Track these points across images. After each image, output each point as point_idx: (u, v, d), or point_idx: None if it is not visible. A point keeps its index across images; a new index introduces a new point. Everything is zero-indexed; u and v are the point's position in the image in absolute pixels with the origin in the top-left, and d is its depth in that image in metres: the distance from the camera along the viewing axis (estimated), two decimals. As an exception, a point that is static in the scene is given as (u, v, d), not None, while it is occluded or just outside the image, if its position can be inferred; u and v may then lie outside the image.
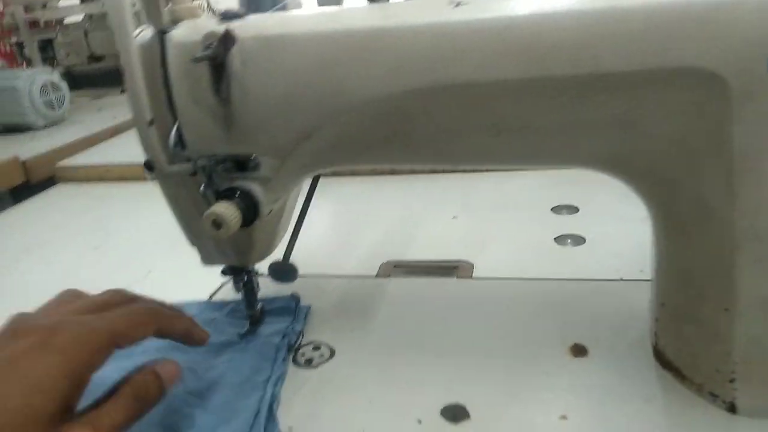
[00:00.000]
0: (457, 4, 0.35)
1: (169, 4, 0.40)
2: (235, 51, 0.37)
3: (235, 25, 0.38)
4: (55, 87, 1.38)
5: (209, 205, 0.40)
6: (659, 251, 0.40)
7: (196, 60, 0.35)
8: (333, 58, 0.36)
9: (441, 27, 0.35)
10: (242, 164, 0.40)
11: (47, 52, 1.88)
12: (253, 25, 0.38)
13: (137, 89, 0.35)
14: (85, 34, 1.80)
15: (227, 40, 0.36)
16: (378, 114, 0.36)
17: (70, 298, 0.40)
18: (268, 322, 0.52)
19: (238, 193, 0.40)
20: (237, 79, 0.37)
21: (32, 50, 1.64)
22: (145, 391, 0.36)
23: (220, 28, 0.37)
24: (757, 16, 0.30)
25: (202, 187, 0.40)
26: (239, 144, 0.39)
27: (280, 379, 0.45)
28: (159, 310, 0.41)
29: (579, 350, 0.46)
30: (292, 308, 0.54)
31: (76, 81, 1.86)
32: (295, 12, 0.40)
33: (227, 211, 0.38)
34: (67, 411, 0.32)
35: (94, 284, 0.64)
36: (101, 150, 1.17)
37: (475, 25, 0.34)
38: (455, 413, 0.41)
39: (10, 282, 0.71)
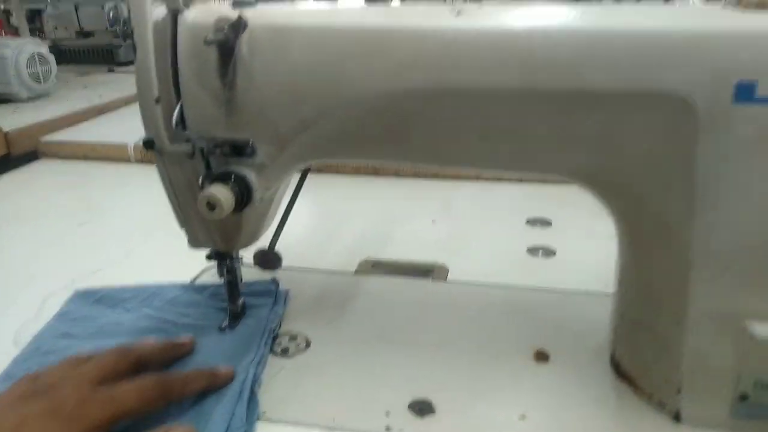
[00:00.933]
0: (459, 13, 0.38)
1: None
2: (244, 37, 0.39)
3: (247, 13, 0.40)
4: (42, 59, 1.37)
5: (203, 187, 0.41)
6: (622, 264, 0.43)
7: (207, 42, 0.37)
8: (338, 53, 0.38)
9: (442, 33, 0.37)
10: (240, 149, 0.42)
11: (34, 23, 1.86)
12: (263, 14, 0.40)
13: (147, 65, 0.37)
14: (76, 8, 1.78)
15: (238, 25, 0.38)
16: (376, 111, 0.39)
17: (80, 360, 0.41)
18: (249, 305, 0.53)
19: (233, 177, 0.42)
20: (243, 65, 0.39)
21: (20, 19, 1.62)
22: None
23: (233, 13, 0.39)
24: (726, 48, 0.33)
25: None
26: (239, 129, 0.41)
27: (261, 361, 0.47)
28: (167, 381, 0.41)
29: (541, 356, 0.48)
30: (273, 291, 0.55)
31: (63, 55, 1.84)
32: (304, 4, 0.42)
33: (222, 193, 0.39)
34: None
35: (81, 261, 0.65)
36: (86, 128, 1.17)
37: (474, 34, 0.36)
38: (422, 408, 0.43)
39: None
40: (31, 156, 1.07)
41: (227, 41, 0.37)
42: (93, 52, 1.84)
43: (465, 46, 0.36)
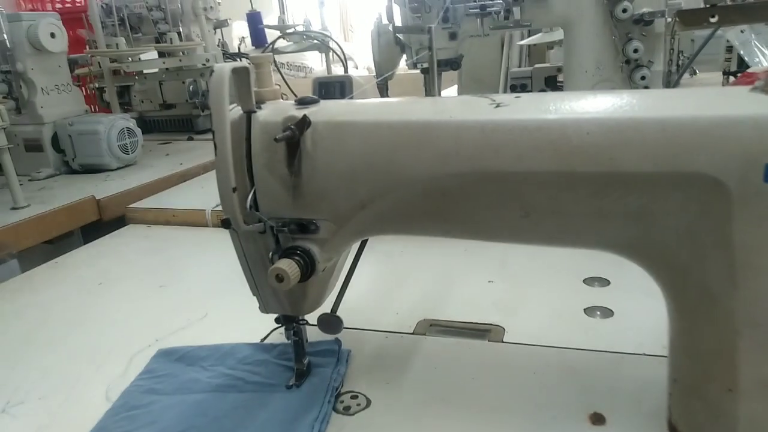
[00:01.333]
0: (498, 105, 0.42)
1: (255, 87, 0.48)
2: (307, 133, 0.44)
3: (311, 111, 0.45)
4: (130, 132, 1.51)
5: (272, 261, 0.46)
6: (672, 330, 0.44)
7: (278, 140, 0.42)
8: (390, 144, 0.43)
9: (483, 124, 0.41)
10: (304, 227, 0.47)
11: (123, 97, 2.06)
12: (324, 111, 0.45)
13: (226, 160, 0.43)
14: (160, 83, 1.97)
15: (303, 124, 0.43)
16: (424, 193, 0.43)
17: None
18: (314, 364, 0.57)
19: (299, 251, 0.47)
20: (308, 155, 0.45)
21: (112, 96, 1.80)
22: None
23: (298, 113, 0.44)
24: (754, 133, 0.35)
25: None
26: (304, 210, 0.46)
27: (325, 419, 0.50)
28: None
29: (598, 418, 0.49)
30: (336, 351, 0.59)
31: (147, 125, 2.03)
32: (360, 101, 0.47)
33: (289, 267, 0.44)
34: None
35: (159, 320, 0.72)
36: (168, 195, 1.28)
37: (512, 124, 0.40)
38: (478, 469, 0.45)
39: (86, 311, 0.79)
40: (120, 221, 1.18)
41: (294, 137, 0.43)
42: (174, 122, 2.01)
43: (503, 134, 0.40)
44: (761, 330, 0.37)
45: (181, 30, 1.81)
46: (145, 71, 1.94)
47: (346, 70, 2.24)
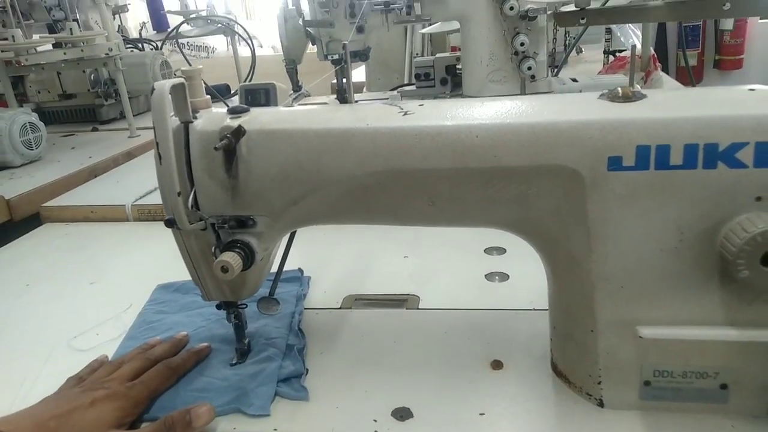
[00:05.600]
0: (405, 113, 0.50)
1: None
2: (243, 140, 0.50)
3: (243, 120, 0.51)
4: (33, 127, 1.46)
5: (215, 255, 0.53)
6: (549, 288, 0.56)
7: (217, 149, 0.48)
8: (316, 149, 0.50)
9: (394, 130, 0.49)
10: (243, 222, 0.53)
11: (17, 88, 1.95)
12: (256, 120, 0.52)
13: (171, 169, 0.48)
14: (58, 73, 1.88)
15: (238, 133, 0.50)
16: (348, 189, 0.51)
17: (113, 366, 0.59)
18: (281, 287, 0.72)
19: (239, 244, 0.53)
20: (243, 160, 0.51)
21: (6, 87, 1.71)
22: (174, 426, 0.51)
23: (233, 123, 0.50)
24: (599, 133, 0.46)
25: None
26: (242, 208, 0.53)
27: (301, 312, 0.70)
28: (173, 365, 0.59)
29: (497, 365, 0.60)
30: (299, 276, 0.78)
31: (46, 117, 1.94)
32: (288, 110, 0.54)
33: (232, 259, 0.51)
34: None
35: (96, 316, 0.75)
36: (84, 190, 1.26)
37: (417, 129, 0.49)
38: (402, 414, 0.54)
39: (16, 314, 0.81)
40: (33, 220, 1.16)
41: (230, 145, 0.49)
42: (76, 112, 1.94)
43: (411, 138, 0.48)
44: (610, 283, 0.49)
45: (78, 17, 1.74)
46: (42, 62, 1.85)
47: (253, 53, 2.25)
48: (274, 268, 0.63)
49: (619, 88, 0.48)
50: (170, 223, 0.53)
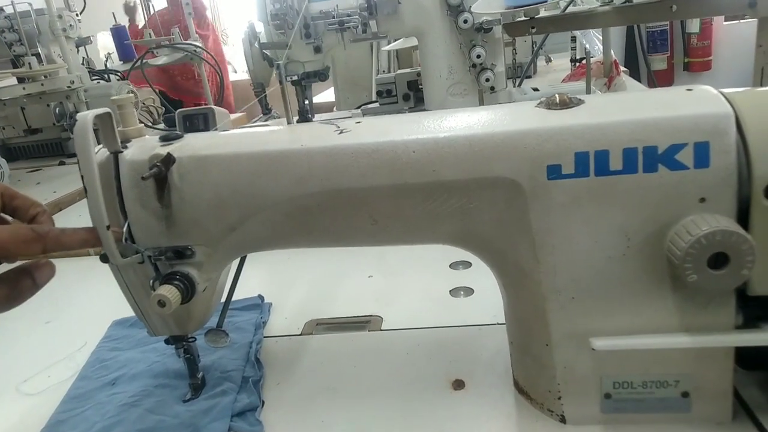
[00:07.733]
0: (341, 131, 0.48)
1: (119, 126, 0.52)
2: (174, 168, 0.49)
3: (175, 147, 0.50)
4: (-6, 165, 1.44)
5: (153, 288, 0.50)
6: (504, 301, 0.54)
7: (145, 178, 0.46)
8: (251, 172, 0.48)
9: (329, 149, 0.48)
10: (180, 253, 0.51)
11: (-20, 125, 1.92)
12: (189, 146, 0.50)
13: (98, 202, 0.46)
14: (22, 108, 1.86)
15: (168, 161, 0.48)
16: (287, 212, 0.49)
17: None
18: (240, 316, 0.72)
19: (178, 276, 0.51)
20: (176, 188, 0.49)
21: (-32, 126, 1.69)
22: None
23: (163, 151, 0.49)
24: (536, 141, 0.45)
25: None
26: (178, 238, 0.50)
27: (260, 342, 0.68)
28: (41, 228, 0.47)
29: (459, 384, 0.58)
30: (259, 304, 0.75)
31: (12, 153, 1.91)
32: (222, 134, 0.52)
33: (169, 292, 0.48)
34: None
35: (48, 357, 0.72)
36: (44, 226, 1.23)
37: (353, 147, 0.47)
38: (362, 442, 0.52)
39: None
40: (-7, 259, 1.13)
41: (160, 173, 0.47)
42: (42, 147, 1.91)
43: (347, 156, 0.47)
44: (562, 294, 0.47)
45: (40, 51, 1.72)
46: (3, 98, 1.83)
47: (220, 78, 2.24)
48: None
49: (557, 95, 0.47)
50: (105, 259, 0.51)
